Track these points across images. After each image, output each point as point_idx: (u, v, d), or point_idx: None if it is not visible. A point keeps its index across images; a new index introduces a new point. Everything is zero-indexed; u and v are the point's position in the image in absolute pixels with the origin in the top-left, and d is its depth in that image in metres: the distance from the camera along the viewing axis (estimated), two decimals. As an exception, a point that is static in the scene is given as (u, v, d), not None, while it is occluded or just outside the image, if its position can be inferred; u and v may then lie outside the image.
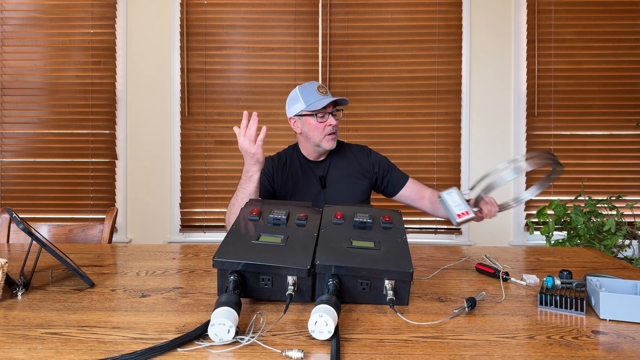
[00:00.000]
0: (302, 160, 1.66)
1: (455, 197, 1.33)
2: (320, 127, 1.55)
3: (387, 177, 1.67)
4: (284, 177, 1.63)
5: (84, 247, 1.47)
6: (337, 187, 1.62)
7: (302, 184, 1.62)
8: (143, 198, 2.88)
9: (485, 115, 2.85)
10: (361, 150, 1.70)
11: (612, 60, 2.79)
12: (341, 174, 1.64)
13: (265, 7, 2.85)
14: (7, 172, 2.88)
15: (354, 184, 1.64)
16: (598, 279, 0.94)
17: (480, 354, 0.70)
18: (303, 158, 1.66)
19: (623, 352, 0.71)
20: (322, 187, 1.62)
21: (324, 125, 1.55)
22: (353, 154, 1.68)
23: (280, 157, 1.68)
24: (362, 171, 1.65)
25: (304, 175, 1.64)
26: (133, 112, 2.87)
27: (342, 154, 1.67)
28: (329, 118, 1.55)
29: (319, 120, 1.55)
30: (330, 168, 1.64)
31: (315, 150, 1.62)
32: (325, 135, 1.56)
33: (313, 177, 1.63)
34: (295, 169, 1.64)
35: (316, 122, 1.55)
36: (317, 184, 1.63)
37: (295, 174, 1.63)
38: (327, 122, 1.55)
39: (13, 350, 0.69)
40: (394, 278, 0.88)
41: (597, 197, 2.59)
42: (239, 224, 1.04)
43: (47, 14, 2.85)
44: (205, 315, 0.84)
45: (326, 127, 1.55)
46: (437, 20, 2.83)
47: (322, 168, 1.64)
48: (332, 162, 1.65)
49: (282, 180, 1.62)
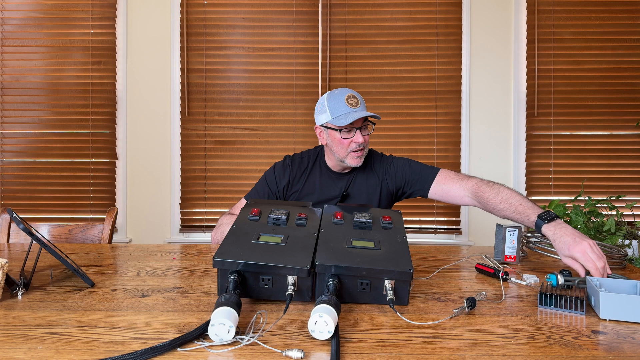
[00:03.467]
0: (323, 170, 1.55)
1: (515, 238, 1.27)
2: (345, 143, 1.43)
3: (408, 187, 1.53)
4: (299, 185, 1.55)
5: (84, 247, 1.47)
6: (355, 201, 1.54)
7: (318, 195, 1.53)
8: (143, 198, 2.88)
9: (485, 115, 2.85)
10: (382, 162, 1.57)
11: (612, 60, 2.79)
12: (360, 189, 1.53)
13: (265, 7, 2.85)
14: (7, 172, 2.88)
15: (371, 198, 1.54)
16: (598, 278, 0.94)
17: (480, 354, 0.70)
18: (325, 167, 1.56)
19: (623, 352, 0.71)
20: (340, 200, 1.53)
21: (349, 142, 1.42)
22: (374, 167, 1.56)
23: (302, 161, 1.58)
24: (380, 185, 1.54)
25: (322, 187, 1.54)
26: (133, 112, 2.88)
27: (366, 167, 1.55)
28: (356, 134, 1.41)
29: (343, 137, 1.42)
30: (352, 182, 1.54)
31: (339, 164, 1.51)
32: (350, 152, 1.44)
33: (334, 189, 1.53)
34: (313, 178, 1.55)
35: (341, 137, 1.42)
36: (336, 197, 1.54)
37: (312, 185, 1.54)
38: (353, 139, 1.42)
39: (13, 350, 0.69)
40: (394, 278, 0.88)
41: (597, 197, 2.59)
42: (239, 224, 1.04)
43: (47, 14, 2.85)
44: (205, 315, 0.84)
45: (352, 143, 1.42)
46: (437, 21, 2.83)
47: (345, 181, 1.54)
48: (355, 176, 1.55)
49: (297, 189, 1.55)
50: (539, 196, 2.83)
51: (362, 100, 1.47)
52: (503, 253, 1.27)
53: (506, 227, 1.28)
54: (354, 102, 1.41)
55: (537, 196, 2.84)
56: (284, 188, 1.55)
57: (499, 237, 1.28)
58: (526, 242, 1.34)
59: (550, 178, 2.83)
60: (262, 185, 1.59)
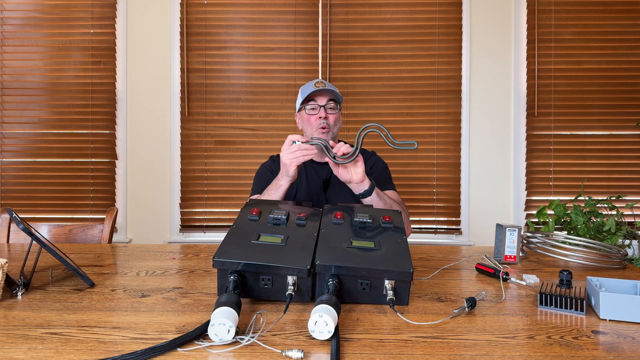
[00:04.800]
0: (307, 162, 1.64)
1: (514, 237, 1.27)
2: (311, 120, 1.55)
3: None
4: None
5: (84, 247, 1.47)
6: (337, 189, 1.61)
7: (305, 185, 1.62)
8: (143, 198, 2.88)
9: (485, 115, 2.85)
10: (365, 153, 1.68)
11: (612, 60, 2.79)
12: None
13: (265, 7, 2.85)
14: (7, 172, 2.88)
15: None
16: (598, 279, 0.94)
17: (480, 354, 0.70)
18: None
19: (623, 352, 0.71)
20: (323, 189, 1.61)
21: (315, 118, 1.54)
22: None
23: None
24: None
25: (308, 177, 1.63)
26: (133, 112, 2.87)
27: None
28: (320, 110, 1.53)
29: (308, 113, 1.55)
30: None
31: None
32: (317, 128, 1.53)
33: (316, 179, 1.63)
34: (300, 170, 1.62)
35: (307, 114, 1.55)
36: (319, 185, 1.62)
37: (299, 175, 1.62)
38: (317, 114, 1.53)
39: (13, 350, 0.69)
40: (394, 278, 0.88)
41: (597, 197, 2.60)
42: (239, 224, 1.04)
43: (47, 14, 2.85)
44: (205, 315, 0.84)
45: (317, 119, 1.53)
46: (437, 20, 2.83)
47: (326, 170, 1.63)
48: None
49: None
50: (539, 196, 2.84)
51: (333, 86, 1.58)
52: (503, 253, 1.27)
53: (506, 227, 1.28)
54: (321, 85, 1.54)
55: (537, 196, 2.84)
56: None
57: (499, 237, 1.28)
58: (526, 242, 1.34)
59: (551, 178, 2.83)
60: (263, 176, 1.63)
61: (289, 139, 1.34)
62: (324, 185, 1.61)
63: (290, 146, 1.33)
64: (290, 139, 1.33)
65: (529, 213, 2.84)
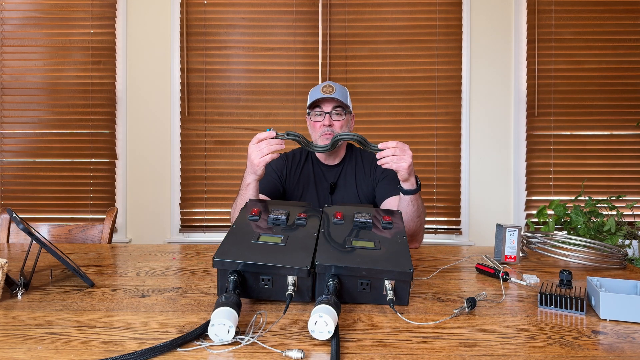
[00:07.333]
0: (315, 163, 1.63)
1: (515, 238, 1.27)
2: (316, 126, 1.55)
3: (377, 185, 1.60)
4: (295, 177, 1.61)
5: (84, 247, 1.47)
6: (344, 192, 1.60)
7: (313, 188, 1.60)
8: (143, 198, 2.88)
9: (485, 115, 2.85)
10: (370, 155, 1.66)
11: (612, 60, 2.79)
12: (349, 181, 1.61)
13: (265, 7, 2.85)
14: (7, 172, 2.88)
15: (360, 189, 1.60)
16: (598, 279, 0.94)
17: (480, 354, 0.70)
18: (316, 160, 1.64)
19: (623, 352, 0.71)
20: (330, 192, 1.60)
21: (319, 125, 1.54)
22: (362, 159, 1.65)
23: (295, 155, 1.65)
24: (366, 176, 1.61)
25: (316, 179, 1.62)
26: (133, 112, 2.87)
27: (354, 159, 1.64)
28: (325, 118, 1.52)
29: (313, 119, 1.55)
30: (341, 174, 1.62)
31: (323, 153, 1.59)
32: (320, 135, 1.53)
33: (325, 182, 1.61)
34: (307, 171, 1.62)
35: (312, 121, 1.56)
36: (327, 188, 1.61)
37: (307, 177, 1.61)
38: (322, 122, 1.53)
39: (13, 350, 0.69)
40: (394, 278, 0.88)
41: (597, 197, 2.60)
42: (239, 224, 1.04)
43: (47, 14, 2.85)
44: (205, 315, 0.84)
45: (321, 126, 1.53)
46: (437, 20, 2.83)
47: (334, 173, 1.62)
48: (344, 168, 1.62)
49: (294, 181, 1.61)
50: (539, 196, 2.84)
51: (342, 88, 1.56)
52: (503, 253, 1.27)
53: (506, 227, 1.28)
54: (328, 90, 1.52)
55: (537, 196, 2.84)
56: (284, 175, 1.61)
57: (499, 237, 1.28)
58: (526, 242, 1.34)
59: (551, 178, 2.83)
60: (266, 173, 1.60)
61: (256, 137, 1.27)
62: (331, 189, 1.60)
63: (257, 144, 1.25)
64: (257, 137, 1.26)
65: (529, 213, 2.84)
